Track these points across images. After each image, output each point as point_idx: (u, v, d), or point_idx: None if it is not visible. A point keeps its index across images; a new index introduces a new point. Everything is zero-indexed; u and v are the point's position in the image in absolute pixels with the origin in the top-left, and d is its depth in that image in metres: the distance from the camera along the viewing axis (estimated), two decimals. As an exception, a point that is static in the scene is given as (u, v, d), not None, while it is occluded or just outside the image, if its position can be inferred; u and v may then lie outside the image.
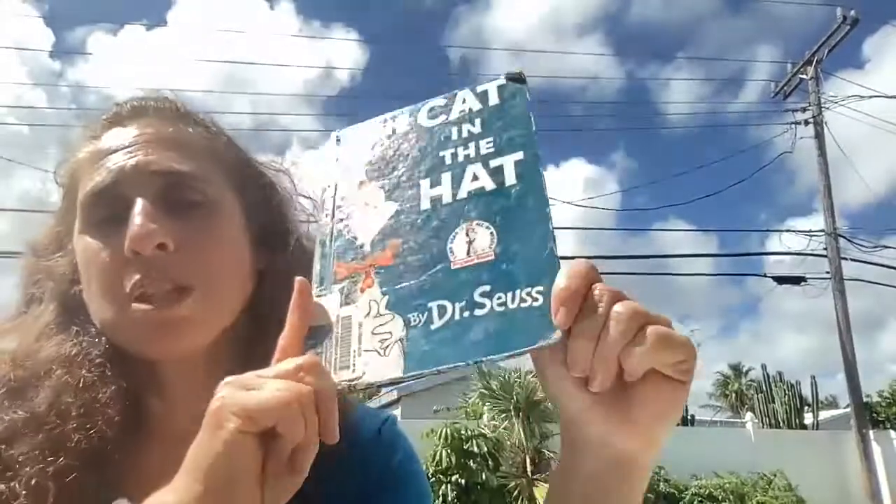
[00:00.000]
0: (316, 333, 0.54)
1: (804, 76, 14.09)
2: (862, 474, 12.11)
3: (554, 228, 0.53)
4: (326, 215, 0.63)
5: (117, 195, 0.67)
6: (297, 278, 0.55)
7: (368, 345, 0.53)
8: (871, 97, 13.90)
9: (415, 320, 0.53)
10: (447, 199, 0.58)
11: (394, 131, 0.66)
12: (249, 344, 0.70)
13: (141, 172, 0.68)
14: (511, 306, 0.50)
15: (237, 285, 0.71)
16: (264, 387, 0.47)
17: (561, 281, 0.48)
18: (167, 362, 0.69)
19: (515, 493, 8.84)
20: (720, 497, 10.46)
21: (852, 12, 13.11)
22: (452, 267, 0.54)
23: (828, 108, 13.92)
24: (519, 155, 0.59)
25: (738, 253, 15.00)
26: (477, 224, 0.56)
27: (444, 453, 8.46)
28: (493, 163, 0.59)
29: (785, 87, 14.61)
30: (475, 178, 0.59)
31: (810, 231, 13.74)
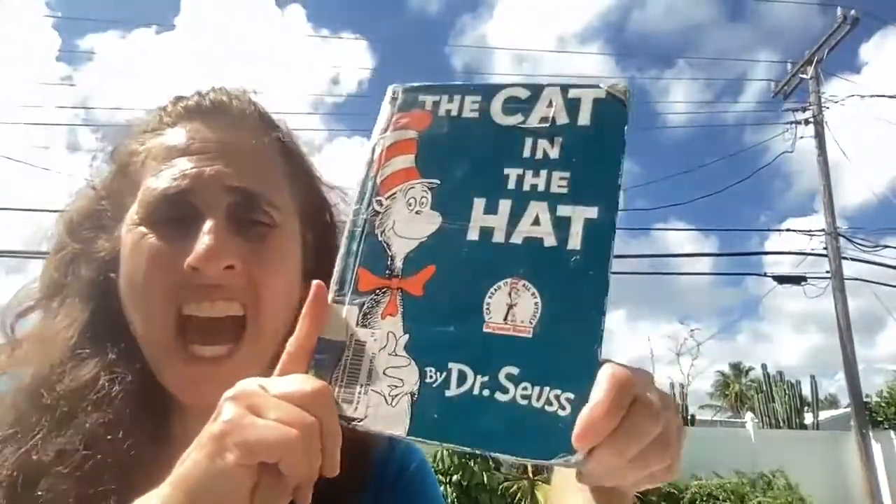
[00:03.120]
0: (326, 347, 0.50)
1: (804, 76, 14.07)
2: (862, 474, 12.11)
3: (604, 328, 0.47)
4: (362, 201, 0.55)
5: (187, 203, 0.65)
6: (315, 282, 0.51)
7: (377, 385, 0.49)
8: (871, 97, 13.90)
9: (430, 376, 0.48)
10: (499, 237, 0.51)
11: (459, 113, 0.56)
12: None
13: (216, 185, 0.66)
14: (535, 404, 0.46)
15: (286, 317, 0.67)
16: (270, 413, 0.44)
17: (598, 404, 0.44)
18: None
19: (516, 493, 8.83)
20: (720, 497, 10.46)
21: (852, 12, 13.11)
22: (485, 329, 0.49)
23: (828, 108, 13.91)
24: (593, 212, 0.50)
25: (738, 252, 15.00)
26: (523, 286, 0.49)
27: (444, 453, 8.43)
28: (562, 210, 0.51)
29: (785, 87, 14.58)
30: (536, 221, 0.51)
31: (810, 231, 13.74)
